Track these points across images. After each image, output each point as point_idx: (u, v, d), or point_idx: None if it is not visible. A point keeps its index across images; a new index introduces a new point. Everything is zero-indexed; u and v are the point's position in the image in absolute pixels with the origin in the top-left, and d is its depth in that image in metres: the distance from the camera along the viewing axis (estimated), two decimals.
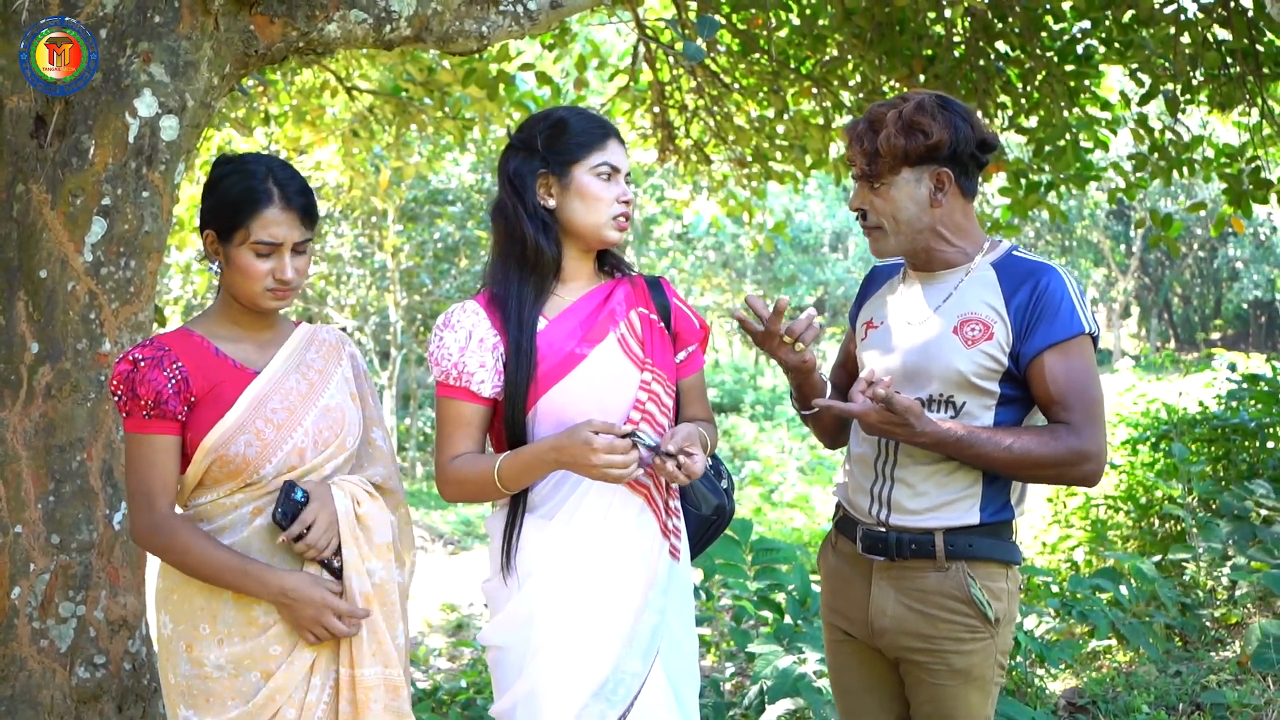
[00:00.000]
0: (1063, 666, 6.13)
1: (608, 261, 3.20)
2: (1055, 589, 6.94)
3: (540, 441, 2.90)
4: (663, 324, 3.17)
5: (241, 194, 2.83)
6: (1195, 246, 33.17)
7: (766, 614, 6.19)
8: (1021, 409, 3.03)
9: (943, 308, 3.07)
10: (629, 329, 3.08)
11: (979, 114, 7.11)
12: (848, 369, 3.43)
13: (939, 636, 3.04)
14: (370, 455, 3.13)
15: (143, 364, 2.81)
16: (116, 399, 2.85)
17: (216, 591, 2.84)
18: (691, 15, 7.85)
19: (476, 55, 6.03)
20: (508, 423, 3.02)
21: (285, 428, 2.87)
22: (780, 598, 6.20)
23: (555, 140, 3.05)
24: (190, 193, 10.12)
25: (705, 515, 3.23)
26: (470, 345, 3.02)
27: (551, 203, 3.06)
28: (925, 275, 3.15)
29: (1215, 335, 35.59)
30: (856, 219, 3.18)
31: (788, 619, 5.93)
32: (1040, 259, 3.05)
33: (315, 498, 2.89)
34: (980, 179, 3.19)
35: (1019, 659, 5.75)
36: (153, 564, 3.49)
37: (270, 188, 2.83)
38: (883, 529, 3.09)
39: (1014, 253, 3.08)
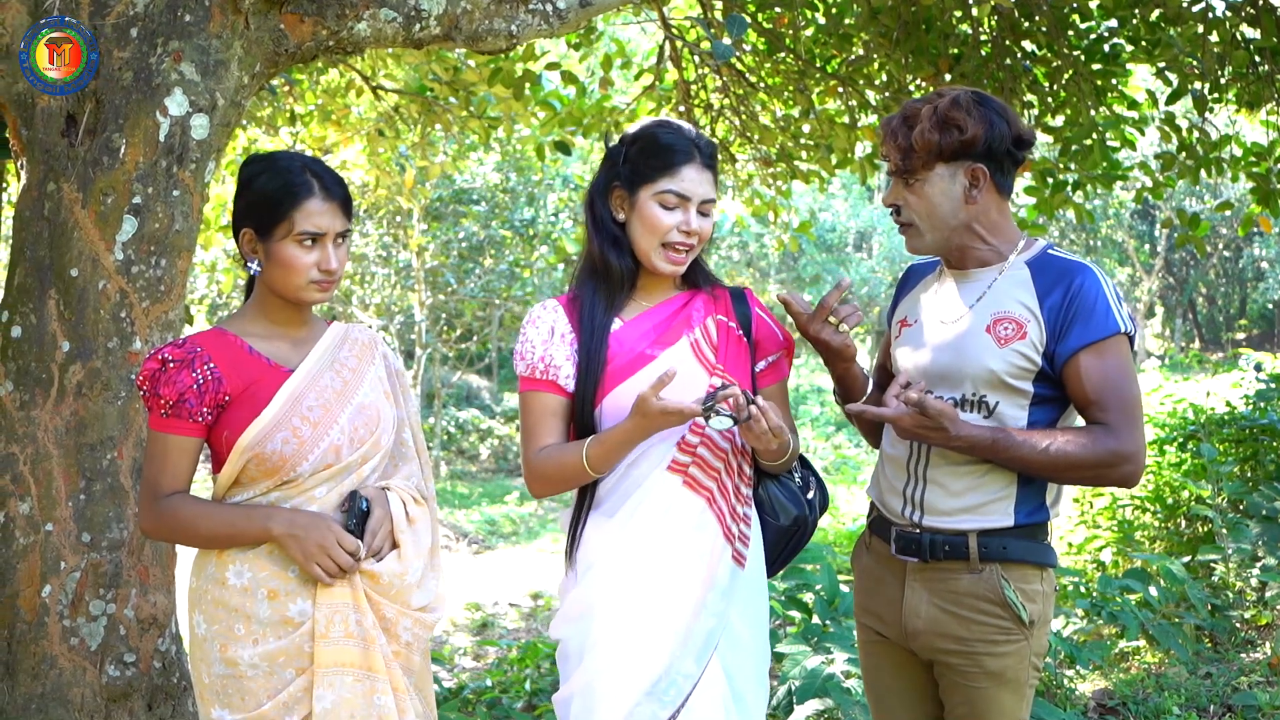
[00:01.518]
0: (1092, 668, 6.11)
1: (691, 273, 3.21)
2: (1084, 590, 6.91)
3: (619, 424, 2.94)
4: (742, 333, 3.17)
5: (281, 187, 2.84)
6: (1220, 246, 32.95)
7: (794, 614, 6.18)
8: (1056, 409, 3.00)
9: (976, 306, 3.04)
10: (704, 334, 3.11)
11: None
12: (887, 369, 3.41)
13: (972, 639, 3.01)
14: (403, 455, 3.14)
15: (171, 365, 2.82)
16: (142, 394, 2.88)
17: (250, 591, 2.84)
18: (717, 14, 7.83)
19: (503, 54, 6.03)
20: (577, 418, 3.07)
21: (321, 425, 2.87)
22: (808, 598, 6.18)
23: (634, 157, 3.09)
24: (217, 191, 10.14)
25: (784, 526, 3.22)
26: (553, 340, 3.09)
27: (621, 217, 3.11)
28: (959, 273, 3.12)
29: (1240, 335, 35.33)
30: (890, 215, 3.17)
31: (816, 619, 5.91)
32: (1076, 258, 3.02)
33: (377, 504, 2.92)
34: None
35: (1048, 660, 5.73)
36: (184, 563, 3.50)
37: (309, 179, 2.85)
38: (916, 530, 3.07)
39: (1049, 251, 3.05)
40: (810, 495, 3.28)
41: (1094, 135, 7.45)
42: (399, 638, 2.94)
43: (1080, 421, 3.03)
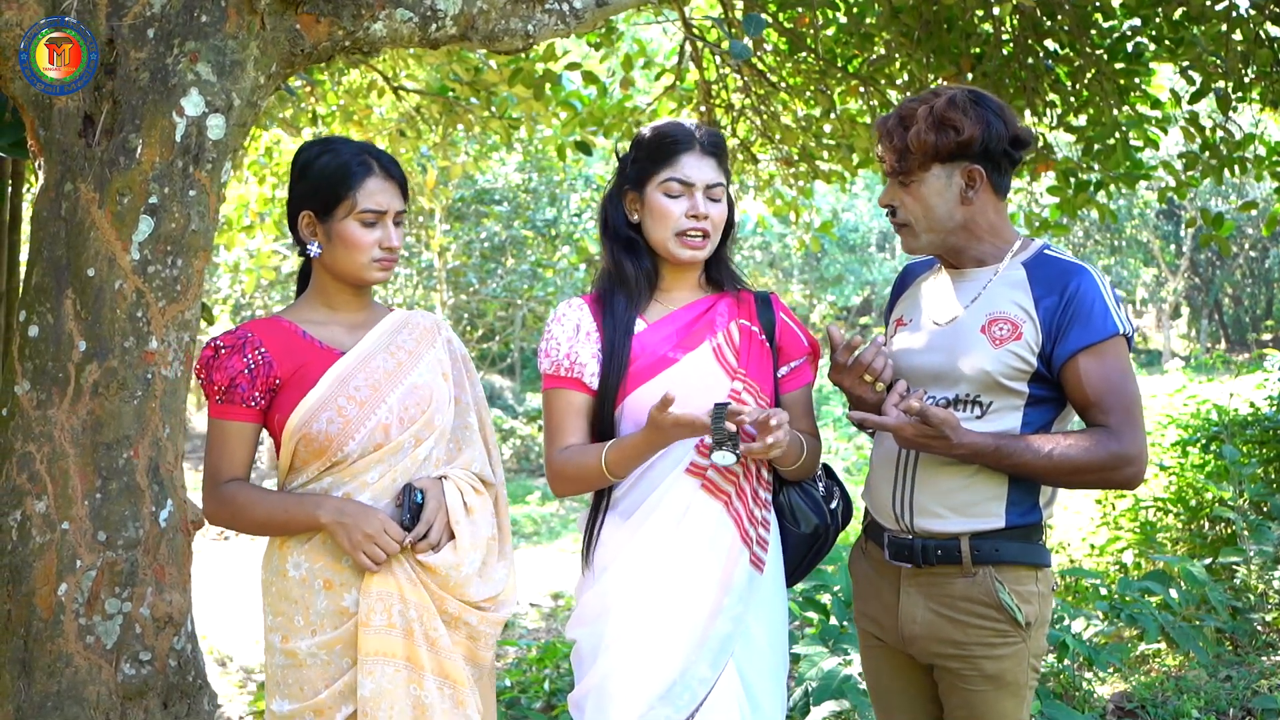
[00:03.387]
0: (1111, 670, 6.08)
1: (716, 274, 3.21)
2: (1104, 591, 6.88)
3: (637, 433, 2.97)
4: (765, 338, 3.17)
5: (341, 168, 2.92)
6: (1246, 246, 32.78)
7: (811, 615, 6.16)
8: (1051, 409, 2.99)
9: (971, 306, 3.03)
10: (726, 339, 3.12)
11: (1027, 112, 7.07)
12: None
13: (969, 642, 3.00)
14: (467, 439, 3.15)
15: (223, 351, 2.90)
16: (200, 383, 2.98)
17: (308, 583, 2.91)
18: (738, 14, 7.82)
19: (523, 55, 6.03)
20: (597, 418, 3.10)
21: (368, 405, 2.91)
22: (825, 599, 6.17)
23: (636, 158, 3.15)
24: (239, 192, 10.17)
25: (804, 534, 3.22)
26: (578, 337, 3.12)
27: (636, 218, 3.15)
28: (955, 272, 3.12)
29: (1266, 336, 35.13)
30: (886, 215, 3.16)
31: (833, 620, 5.90)
32: (1072, 259, 3.01)
33: (431, 496, 2.93)
34: (1030, 178, 3.16)
35: (1066, 662, 5.70)
36: (201, 563, 3.51)
37: (368, 159, 2.95)
38: (908, 535, 3.06)
39: (1046, 252, 3.04)
40: (833, 505, 3.28)
41: (1117, 135, 7.41)
42: (460, 630, 2.95)
43: (1076, 423, 3.02)
